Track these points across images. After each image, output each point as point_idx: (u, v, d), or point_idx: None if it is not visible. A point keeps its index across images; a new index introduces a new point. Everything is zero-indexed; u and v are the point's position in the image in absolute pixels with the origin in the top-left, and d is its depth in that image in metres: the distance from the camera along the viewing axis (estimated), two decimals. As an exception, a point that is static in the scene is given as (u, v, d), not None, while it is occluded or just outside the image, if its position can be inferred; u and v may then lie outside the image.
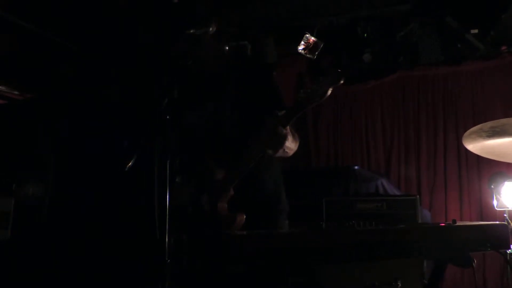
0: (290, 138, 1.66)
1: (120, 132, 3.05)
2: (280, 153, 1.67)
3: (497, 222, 1.68)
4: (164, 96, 1.44)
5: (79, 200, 3.15)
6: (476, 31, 3.59)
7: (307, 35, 3.39)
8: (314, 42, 3.40)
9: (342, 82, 1.50)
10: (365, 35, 3.70)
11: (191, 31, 1.59)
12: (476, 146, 2.52)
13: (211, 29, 1.64)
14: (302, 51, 3.50)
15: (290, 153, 1.76)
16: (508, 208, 2.96)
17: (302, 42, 3.49)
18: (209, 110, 1.90)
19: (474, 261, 1.48)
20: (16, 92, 3.58)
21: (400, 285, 2.87)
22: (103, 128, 3.25)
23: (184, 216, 1.69)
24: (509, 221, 2.86)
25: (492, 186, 3.04)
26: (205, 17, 1.71)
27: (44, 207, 3.12)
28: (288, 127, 1.63)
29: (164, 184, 1.35)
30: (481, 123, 2.48)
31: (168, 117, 1.38)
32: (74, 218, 3.13)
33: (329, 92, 1.54)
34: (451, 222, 1.54)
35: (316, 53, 3.51)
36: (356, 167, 3.86)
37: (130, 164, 1.44)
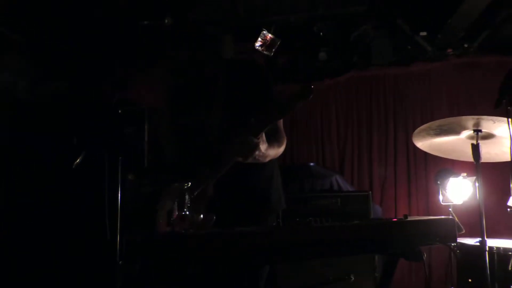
0: (263, 146, 1.69)
1: (68, 129, 2.91)
2: (250, 160, 1.70)
3: (445, 217, 1.75)
4: (115, 90, 1.38)
5: (28, 201, 2.99)
6: (425, 33, 3.75)
7: (264, 32, 3.40)
8: (271, 39, 3.42)
9: (311, 97, 1.53)
10: (321, 34, 3.76)
11: (145, 22, 1.53)
12: (425, 143, 2.63)
13: (166, 21, 1.59)
14: (259, 48, 3.50)
15: (266, 159, 1.80)
16: (452, 203, 3.12)
17: (259, 39, 3.49)
18: (196, 113, 1.88)
19: (424, 255, 1.53)
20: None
21: (353, 279, 2.95)
22: (51, 125, 3.08)
23: (137, 216, 1.63)
24: (454, 215, 3.01)
25: (438, 182, 3.18)
26: (160, 9, 1.66)
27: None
28: (262, 135, 1.66)
29: (115, 182, 1.29)
30: (429, 121, 2.57)
31: (120, 111, 1.32)
32: (23, 220, 2.97)
33: (298, 105, 1.59)
34: (402, 217, 1.58)
35: (273, 50, 3.53)
36: (312, 164, 3.92)
37: (78, 161, 1.36)
